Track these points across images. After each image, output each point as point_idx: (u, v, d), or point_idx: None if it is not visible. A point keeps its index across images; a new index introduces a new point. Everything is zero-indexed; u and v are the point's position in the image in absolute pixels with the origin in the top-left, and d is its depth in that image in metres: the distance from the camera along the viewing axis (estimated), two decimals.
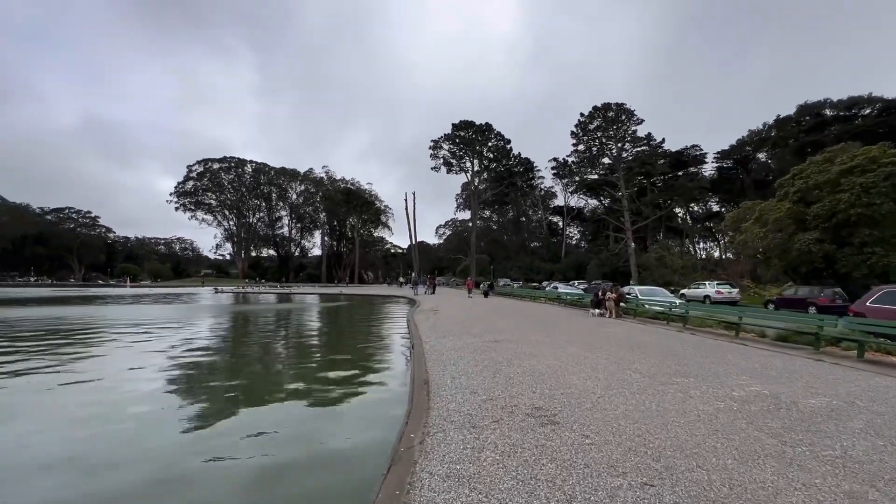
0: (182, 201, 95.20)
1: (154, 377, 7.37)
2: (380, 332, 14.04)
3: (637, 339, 9.20)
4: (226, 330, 14.52)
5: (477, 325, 12.19)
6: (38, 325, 14.67)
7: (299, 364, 8.69)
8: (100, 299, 33.43)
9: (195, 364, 8.54)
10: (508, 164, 67.34)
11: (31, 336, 12.15)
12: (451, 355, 7.45)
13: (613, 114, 55.39)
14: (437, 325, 12.49)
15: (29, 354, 9.29)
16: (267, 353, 10.06)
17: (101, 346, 10.66)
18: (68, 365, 8.31)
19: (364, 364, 8.48)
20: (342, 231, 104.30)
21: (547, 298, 24.33)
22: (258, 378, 7.57)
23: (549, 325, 11.96)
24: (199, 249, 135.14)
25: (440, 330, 11.12)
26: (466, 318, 14.10)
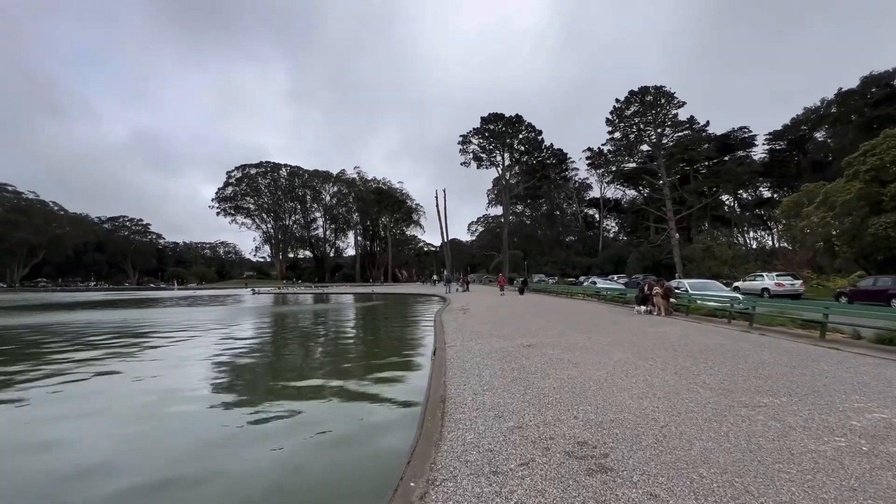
0: (223, 206, 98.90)
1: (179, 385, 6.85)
2: (404, 333, 13.24)
3: (696, 341, 7.83)
4: (249, 336, 14.17)
5: (508, 325, 11.11)
6: (107, 328, 15.01)
7: (308, 373, 7.94)
8: (152, 301, 35.12)
9: (213, 374, 8.00)
10: (540, 156, 65.19)
11: (103, 338, 12.23)
12: (477, 363, 6.45)
13: (651, 97, 52.27)
14: (465, 325, 11.51)
15: (108, 353, 10.14)
16: (279, 360, 9.42)
17: (153, 348, 10.81)
18: (132, 362, 9.17)
19: (378, 374, 7.62)
20: (375, 230, 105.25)
21: (585, 294, 22.79)
22: (255, 391, 6.85)
23: (590, 324, 10.71)
24: (241, 252, 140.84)
25: (467, 331, 10.13)
26: (497, 318, 13.03)
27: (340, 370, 8.14)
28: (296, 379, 7.53)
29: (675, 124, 53.12)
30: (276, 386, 7.09)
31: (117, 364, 8.86)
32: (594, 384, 5.04)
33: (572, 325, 10.71)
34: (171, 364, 8.88)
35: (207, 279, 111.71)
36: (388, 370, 7.85)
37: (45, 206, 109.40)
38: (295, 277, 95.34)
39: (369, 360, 8.74)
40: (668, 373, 5.51)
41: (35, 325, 16.80)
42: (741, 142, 60.10)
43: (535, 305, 18.22)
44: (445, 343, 8.52)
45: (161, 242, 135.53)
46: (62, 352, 10.29)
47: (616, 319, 11.75)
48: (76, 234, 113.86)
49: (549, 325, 10.87)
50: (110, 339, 12.48)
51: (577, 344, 7.79)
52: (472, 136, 61.75)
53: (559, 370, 5.77)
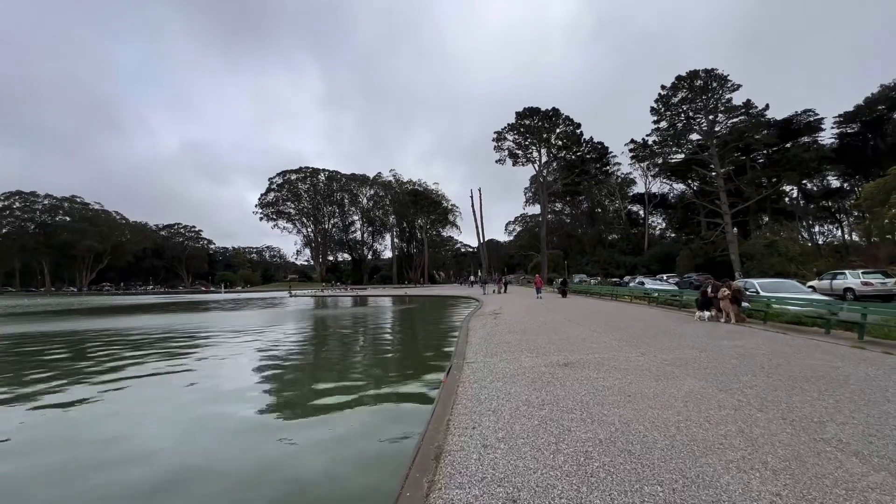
0: (265, 212, 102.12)
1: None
2: (423, 343, 11.90)
3: (794, 362, 5.90)
4: (256, 349, 13.34)
5: (542, 334, 9.49)
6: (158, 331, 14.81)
7: (292, 400, 6.70)
8: (200, 304, 36.18)
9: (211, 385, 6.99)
10: (579, 150, 62.17)
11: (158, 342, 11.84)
12: (497, 390, 4.96)
13: (702, 82, 48.33)
14: (493, 334, 10.00)
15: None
16: (273, 377, 8.31)
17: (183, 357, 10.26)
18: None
19: (370, 407, 6.09)
20: (411, 232, 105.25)
21: (633, 296, 20.50)
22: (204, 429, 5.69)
23: (643, 335, 8.88)
24: (285, 256, 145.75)
25: (494, 342, 8.62)
26: (531, 325, 11.40)
27: (321, 403, 6.29)
28: (261, 411, 6.25)
29: (729, 110, 48.76)
30: (273, 430, 5.91)
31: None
32: (662, 436, 3.42)
33: (621, 335, 8.94)
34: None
35: (252, 282, 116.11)
36: (384, 401, 6.35)
37: (108, 215, 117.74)
38: (335, 280, 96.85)
39: (367, 384, 7.30)
40: (772, 417, 3.76)
41: (74, 330, 16.91)
42: (806, 126, 54.30)
43: (576, 309, 16.32)
44: (465, 358, 7.07)
45: (212, 248, 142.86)
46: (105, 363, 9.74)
47: (675, 328, 9.81)
48: (136, 241, 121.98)
49: (593, 335, 9.14)
50: (139, 359, 11.98)
51: (630, 363, 6.11)
52: (506, 133, 59.77)
53: (607, 407, 4.17)
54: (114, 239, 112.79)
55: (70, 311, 31.30)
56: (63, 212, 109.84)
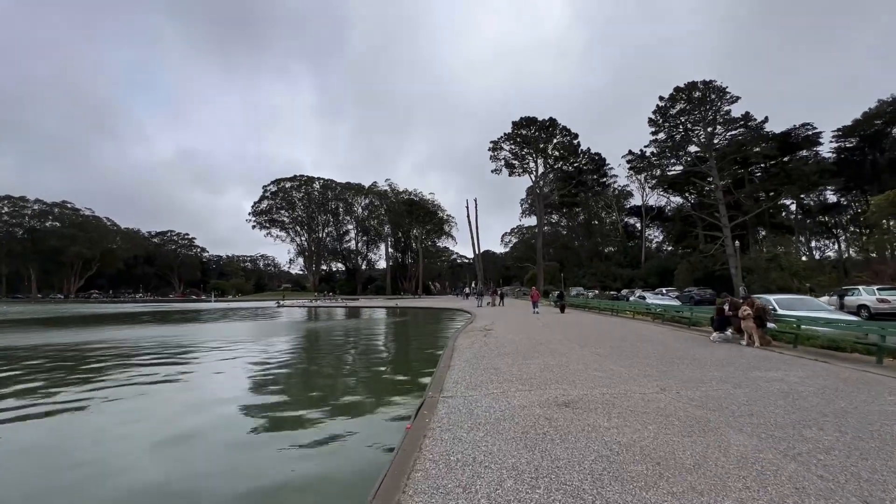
0: (258, 220, 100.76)
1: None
2: (402, 365, 10.51)
3: (861, 407, 4.49)
4: (220, 369, 11.90)
5: (537, 358, 8.16)
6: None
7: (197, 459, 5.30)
8: (180, 314, 34.50)
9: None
10: (576, 161, 61.46)
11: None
12: (473, 450, 3.59)
13: (700, 93, 47.90)
14: (481, 356, 8.65)
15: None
16: (201, 410, 6.91)
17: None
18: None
19: (299, 466, 4.49)
20: (406, 242, 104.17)
21: (635, 312, 19.18)
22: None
23: (657, 361, 7.55)
24: (280, 265, 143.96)
25: (480, 368, 7.26)
26: (525, 346, 10.05)
27: (255, 458, 4.75)
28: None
29: (728, 122, 48.31)
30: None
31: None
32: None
33: (630, 361, 7.61)
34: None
35: (244, 291, 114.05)
36: (323, 458, 4.75)
37: (99, 221, 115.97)
38: (328, 290, 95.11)
39: (315, 425, 5.91)
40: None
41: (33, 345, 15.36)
42: (804, 140, 53.86)
43: (575, 327, 14.97)
44: (442, 390, 5.72)
45: (205, 256, 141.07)
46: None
47: (691, 352, 8.49)
48: (127, 248, 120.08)
49: (596, 360, 7.82)
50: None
51: (648, 403, 4.78)
52: (503, 142, 59.01)
53: (630, 487, 2.83)
54: (104, 245, 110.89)
55: (31, 320, 29.69)
56: (53, 217, 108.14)
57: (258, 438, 5.36)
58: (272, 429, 5.80)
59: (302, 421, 6.05)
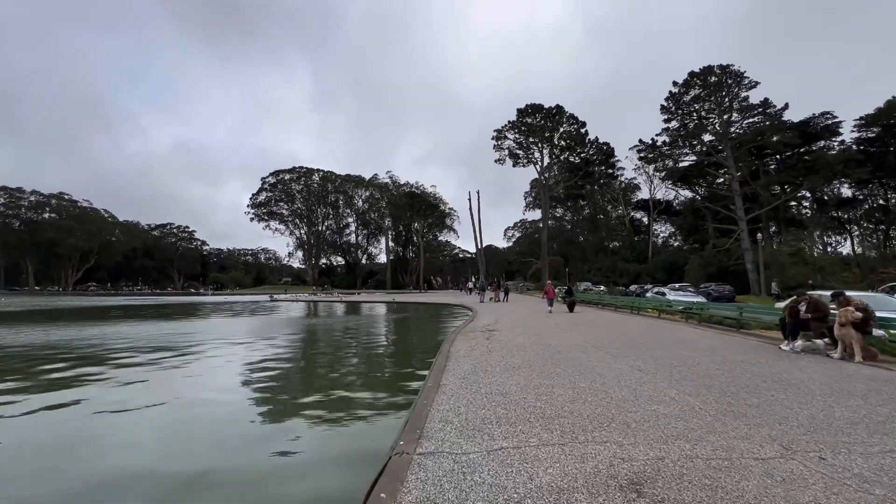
0: (257, 212, 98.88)
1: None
2: (380, 383, 8.32)
3: None
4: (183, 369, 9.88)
5: (559, 374, 6.10)
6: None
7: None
8: (167, 308, 32.86)
9: None
10: (584, 151, 59.01)
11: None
12: None
13: (716, 78, 45.44)
14: (482, 370, 6.58)
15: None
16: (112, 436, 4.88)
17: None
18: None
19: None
20: (408, 236, 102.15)
21: (659, 310, 16.95)
22: None
23: (730, 384, 5.30)
24: (281, 259, 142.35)
25: (482, 393, 5.19)
26: (538, 354, 7.97)
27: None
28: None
29: (745, 109, 45.82)
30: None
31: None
32: None
33: (691, 381, 5.49)
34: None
35: (243, 285, 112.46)
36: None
37: (97, 213, 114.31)
38: (328, 284, 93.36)
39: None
40: None
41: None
42: (824, 129, 51.21)
43: (596, 327, 12.81)
44: (421, 437, 3.66)
45: (205, 249, 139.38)
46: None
47: (769, 369, 6.33)
48: (126, 241, 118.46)
49: (643, 379, 5.72)
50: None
51: (792, 489, 2.67)
52: (507, 131, 56.66)
53: None
54: (102, 238, 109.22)
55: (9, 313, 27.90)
56: (50, 209, 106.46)
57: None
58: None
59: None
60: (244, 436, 5.13)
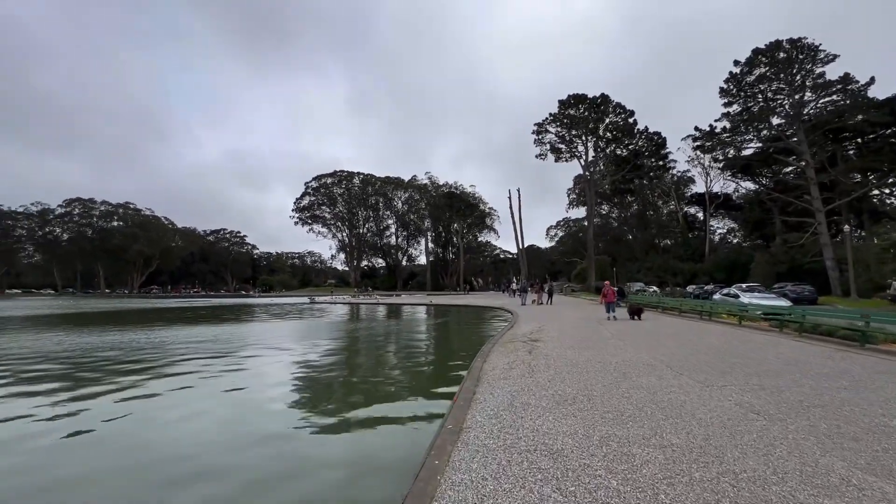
0: (301, 216, 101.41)
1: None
2: (384, 428, 6.75)
3: None
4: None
5: (632, 417, 4.34)
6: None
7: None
8: (225, 310, 33.87)
9: None
10: (632, 143, 55.11)
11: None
12: None
13: (785, 55, 40.68)
14: (521, 404, 4.92)
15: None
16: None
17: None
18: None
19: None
20: (447, 237, 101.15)
21: (737, 316, 14.28)
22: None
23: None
24: (326, 261, 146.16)
25: (520, 449, 3.57)
26: (597, 380, 6.16)
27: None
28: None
29: (821, 86, 40.62)
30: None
31: None
32: None
33: (853, 442, 3.51)
34: None
35: (289, 287, 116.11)
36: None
37: (158, 220, 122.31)
38: (370, 286, 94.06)
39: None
40: None
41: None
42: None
43: (663, 338, 10.70)
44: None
45: (256, 253, 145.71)
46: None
47: None
48: (184, 246, 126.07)
49: (771, 433, 3.79)
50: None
51: None
52: (548, 124, 53.96)
53: None
54: (163, 244, 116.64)
55: (74, 314, 29.22)
56: (117, 217, 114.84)
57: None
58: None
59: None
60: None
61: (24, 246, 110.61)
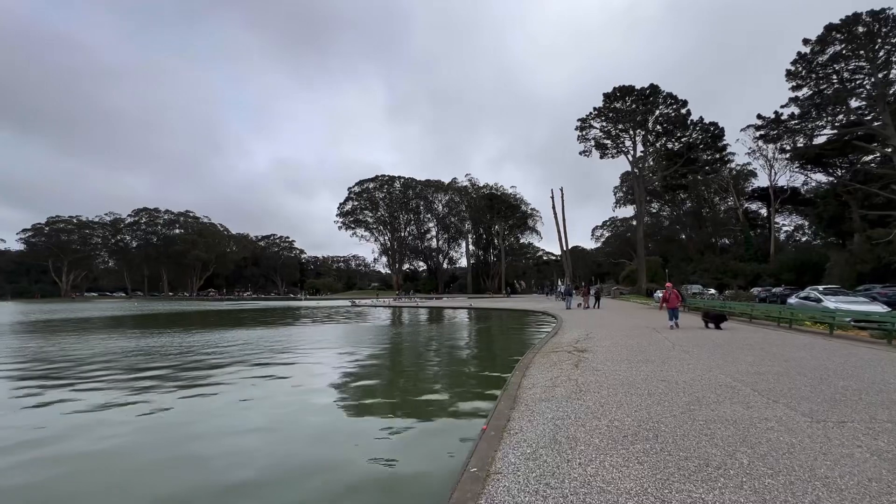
0: (344, 220, 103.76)
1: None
2: (404, 458, 5.89)
3: None
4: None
5: (722, 469, 3.22)
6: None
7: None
8: (273, 312, 35.01)
9: None
10: (685, 135, 51.38)
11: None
12: None
13: (866, 28, 36.35)
14: (566, 441, 3.91)
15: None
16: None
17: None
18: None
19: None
20: (488, 239, 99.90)
21: (826, 324, 12.14)
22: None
23: None
24: (370, 265, 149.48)
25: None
26: (659, 402, 5.01)
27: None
28: None
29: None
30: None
31: None
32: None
33: None
34: None
35: (334, 290, 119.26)
36: None
37: (215, 227, 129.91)
38: (412, 289, 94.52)
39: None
40: None
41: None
42: None
43: (740, 352, 8.93)
44: None
45: (304, 257, 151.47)
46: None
47: None
48: (238, 251, 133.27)
49: None
50: None
51: None
52: (592, 119, 51.47)
53: None
54: (219, 249, 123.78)
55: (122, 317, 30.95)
56: (179, 225, 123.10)
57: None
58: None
59: None
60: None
61: (99, 252, 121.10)
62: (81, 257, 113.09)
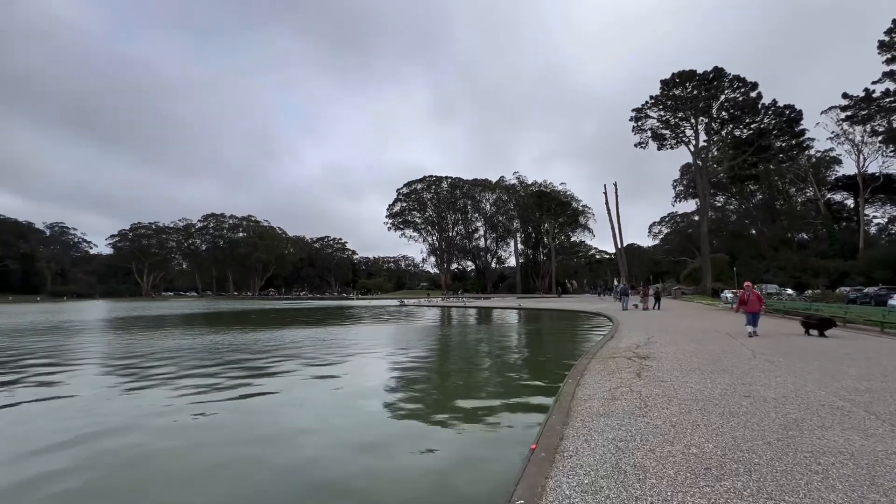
0: (393, 221, 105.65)
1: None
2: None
3: None
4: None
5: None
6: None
7: None
8: (326, 312, 36.52)
9: None
10: (755, 121, 46.92)
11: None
12: None
13: None
14: (633, 472, 3.28)
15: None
16: None
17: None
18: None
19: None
20: (538, 238, 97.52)
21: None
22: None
23: None
24: (419, 265, 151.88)
25: None
26: (745, 423, 4.21)
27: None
28: None
29: None
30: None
31: None
32: None
33: None
34: None
35: (384, 290, 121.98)
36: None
37: (274, 231, 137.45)
38: (460, 289, 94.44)
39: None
40: None
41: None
42: None
43: (839, 364, 7.53)
44: None
45: (356, 258, 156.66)
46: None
47: None
48: (295, 253, 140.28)
49: None
50: None
51: None
52: (648, 109, 48.45)
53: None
54: (278, 251, 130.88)
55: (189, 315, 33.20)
56: (242, 229, 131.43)
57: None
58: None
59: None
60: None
61: (174, 255, 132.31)
62: (159, 260, 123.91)
